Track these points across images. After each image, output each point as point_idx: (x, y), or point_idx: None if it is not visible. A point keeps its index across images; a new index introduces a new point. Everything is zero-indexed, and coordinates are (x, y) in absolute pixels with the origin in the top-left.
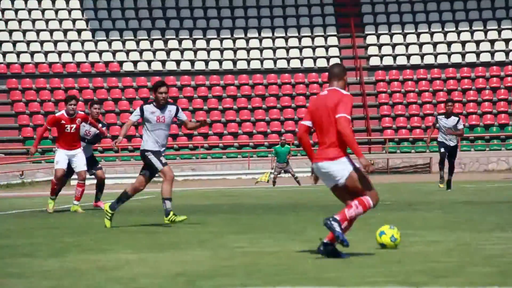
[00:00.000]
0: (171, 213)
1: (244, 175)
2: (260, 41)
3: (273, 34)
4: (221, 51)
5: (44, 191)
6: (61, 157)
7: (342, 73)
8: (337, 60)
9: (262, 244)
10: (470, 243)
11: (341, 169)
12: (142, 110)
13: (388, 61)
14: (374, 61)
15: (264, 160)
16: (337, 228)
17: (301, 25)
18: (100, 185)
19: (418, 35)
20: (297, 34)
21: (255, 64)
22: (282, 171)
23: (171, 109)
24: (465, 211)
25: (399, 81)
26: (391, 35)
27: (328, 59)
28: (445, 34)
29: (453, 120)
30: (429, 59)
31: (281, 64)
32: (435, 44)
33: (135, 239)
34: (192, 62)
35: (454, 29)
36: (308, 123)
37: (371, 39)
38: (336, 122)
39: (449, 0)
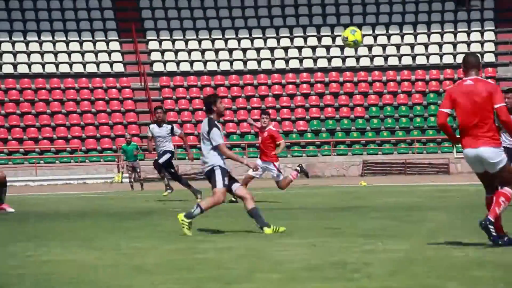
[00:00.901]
0: None
1: (31, 181)
2: (40, 44)
3: (53, 38)
4: (14, 54)
5: None
6: None
7: (479, 63)
8: (121, 65)
9: (52, 252)
10: (259, 249)
11: (499, 157)
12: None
13: (171, 67)
14: (158, 67)
15: (53, 166)
16: (493, 232)
17: (82, 29)
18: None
19: (200, 41)
20: (77, 39)
21: (37, 68)
22: (133, 168)
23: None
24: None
25: (184, 87)
26: (173, 41)
27: (111, 64)
28: (225, 41)
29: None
30: (211, 66)
31: (64, 68)
32: (216, 51)
33: None
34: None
35: (234, 36)
36: (448, 110)
37: (153, 45)
38: (495, 111)
39: (227, 8)
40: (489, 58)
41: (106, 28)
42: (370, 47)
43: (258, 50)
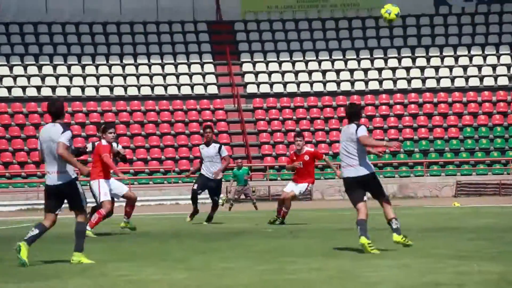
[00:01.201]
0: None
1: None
2: (137, 67)
3: (149, 61)
4: (97, 77)
5: None
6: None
7: None
8: (215, 87)
9: (144, 272)
10: (350, 270)
11: None
12: None
13: (265, 88)
14: (251, 89)
15: (146, 187)
16: None
17: (177, 52)
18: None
19: (293, 63)
20: (173, 61)
21: (133, 91)
22: (242, 194)
23: None
24: (344, 239)
25: (277, 109)
26: (267, 63)
27: (205, 86)
28: (319, 62)
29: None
30: (304, 87)
31: (159, 91)
32: (310, 73)
33: (14, 268)
34: (68, 88)
35: (328, 57)
36: None
37: (247, 67)
38: None
39: (322, 30)
40: None
41: (201, 51)
42: (465, 68)
43: (351, 71)
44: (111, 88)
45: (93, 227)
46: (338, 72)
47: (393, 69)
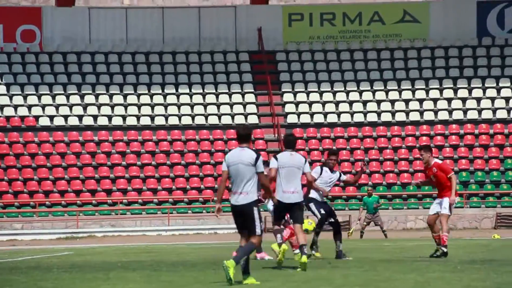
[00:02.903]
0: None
1: (164, 231)
2: (178, 97)
3: (190, 90)
4: (139, 106)
5: None
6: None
7: None
8: (255, 117)
9: None
10: None
11: None
12: None
13: (305, 118)
14: (292, 119)
15: (185, 216)
16: None
17: (218, 81)
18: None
19: (334, 93)
20: (214, 91)
21: (173, 120)
22: (372, 222)
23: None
24: (384, 269)
25: (317, 139)
26: (308, 93)
27: (246, 116)
28: (360, 93)
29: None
30: (345, 118)
31: (199, 120)
32: (350, 103)
33: None
34: (110, 118)
35: (369, 88)
36: None
37: (288, 97)
38: None
39: (364, 60)
40: None
41: (242, 81)
42: (507, 99)
43: (392, 102)
44: (152, 118)
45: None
46: (379, 102)
47: (434, 100)
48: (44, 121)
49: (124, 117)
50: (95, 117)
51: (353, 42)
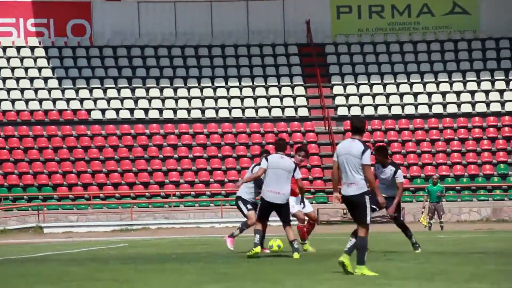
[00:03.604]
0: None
1: (217, 223)
2: (228, 90)
3: (240, 83)
4: (189, 99)
5: (16, 239)
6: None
7: None
8: (305, 110)
9: None
10: None
11: None
12: None
13: (355, 111)
14: (342, 111)
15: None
16: None
17: (268, 74)
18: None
19: (384, 86)
20: (263, 84)
21: (224, 113)
22: (435, 211)
23: None
24: (439, 262)
25: (368, 131)
26: (357, 86)
27: (295, 108)
28: (411, 85)
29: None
30: (396, 110)
31: (249, 113)
32: (401, 95)
33: (110, 287)
34: (160, 111)
35: (419, 80)
36: None
37: (337, 89)
38: None
39: (413, 52)
40: None
41: (291, 74)
42: None
43: (443, 94)
44: (203, 111)
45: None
46: (429, 94)
47: (486, 92)
48: (96, 115)
49: (174, 110)
50: (146, 110)
51: (402, 34)
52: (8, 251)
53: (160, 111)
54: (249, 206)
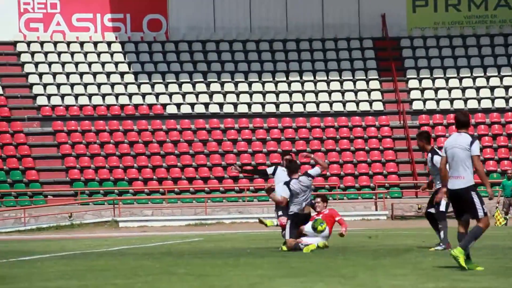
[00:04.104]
0: None
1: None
2: (302, 84)
3: (314, 77)
4: (263, 94)
5: (92, 233)
6: None
7: None
8: (380, 104)
9: None
10: None
11: None
12: None
13: (431, 105)
14: (417, 105)
15: None
16: None
17: (342, 68)
18: None
19: (461, 79)
20: (338, 78)
21: (298, 107)
22: (510, 206)
23: None
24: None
25: (443, 125)
26: (433, 80)
27: (370, 103)
28: (487, 79)
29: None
30: (472, 104)
31: (324, 107)
32: (477, 89)
33: (186, 281)
34: (235, 105)
35: (496, 74)
36: None
37: (413, 83)
38: None
39: (490, 46)
40: None
41: (366, 68)
42: None
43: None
44: (277, 105)
45: None
46: (506, 88)
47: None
48: (171, 109)
49: (249, 105)
50: (220, 105)
51: (479, 28)
52: (84, 245)
53: (235, 105)
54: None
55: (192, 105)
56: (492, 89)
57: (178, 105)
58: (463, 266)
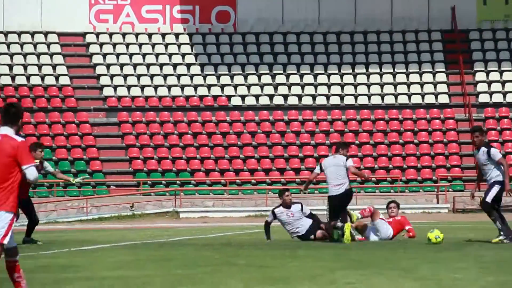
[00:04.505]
0: None
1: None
2: (368, 76)
3: (380, 70)
4: (328, 86)
5: (153, 223)
6: None
7: None
8: (446, 97)
9: (372, 280)
10: None
11: None
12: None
13: (497, 98)
14: (483, 98)
15: (373, 196)
16: None
17: (409, 61)
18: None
19: None
20: (404, 70)
21: (363, 100)
22: None
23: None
24: None
25: (509, 119)
26: (501, 72)
27: (436, 95)
28: None
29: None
30: None
31: (389, 100)
32: None
33: (246, 272)
34: (300, 97)
35: None
36: None
37: (480, 76)
38: None
39: None
40: None
41: (433, 60)
42: None
43: None
44: (342, 97)
45: None
46: None
47: None
48: (236, 101)
49: (314, 97)
50: (285, 97)
51: None
52: (146, 235)
53: (299, 97)
54: None
55: (257, 96)
56: None
57: (243, 97)
58: None
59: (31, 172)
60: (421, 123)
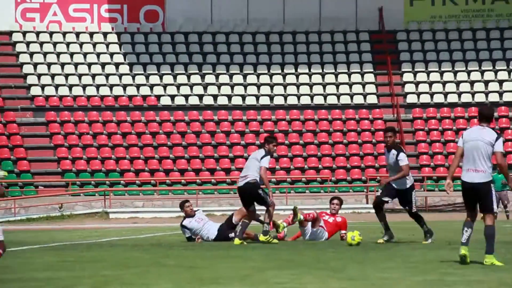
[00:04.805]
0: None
1: (282, 210)
2: (297, 77)
3: (309, 70)
4: (258, 86)
5: (82, 224)
6: None
7: None
8: (374, 97)
9: (302, 280)
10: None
11: None
12: None
13: (425, 98)
14: (411, 99)
15: (303, 196)
16: None
17: (338, 61)
18: None
19: (455, 73)
20: (333, 71)
21: (292, 100)
22: (499, 200)
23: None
24: (507, 251)
25: (436, 119)
26: (428, 73)
27: (364, 96)
28: (482, 72)
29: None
30: (466, 98)
31: (318, 100)
32: (472, 83)
33: (176, 273)
34: (229, 97)
35: (491, 68)
36: None
37: (407, 77)
38: None
39: (486, 40)
40: None
41: (362, 61)
42: None
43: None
44: (271, 97)
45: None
46: (501, 82)
47: None
48: (165, 101)
49: (243, 97)
50: (215, 97)
51: (476, 22)
52: (74, 236)
53: (229, 97)
54: None
55: (187, 96)
56: (486, 83)
57: (172, 97)
58: (501, 264)
59: None
60: (350, 124)
